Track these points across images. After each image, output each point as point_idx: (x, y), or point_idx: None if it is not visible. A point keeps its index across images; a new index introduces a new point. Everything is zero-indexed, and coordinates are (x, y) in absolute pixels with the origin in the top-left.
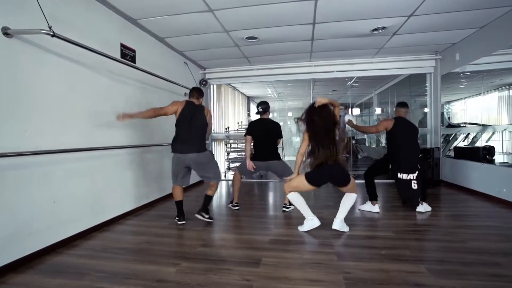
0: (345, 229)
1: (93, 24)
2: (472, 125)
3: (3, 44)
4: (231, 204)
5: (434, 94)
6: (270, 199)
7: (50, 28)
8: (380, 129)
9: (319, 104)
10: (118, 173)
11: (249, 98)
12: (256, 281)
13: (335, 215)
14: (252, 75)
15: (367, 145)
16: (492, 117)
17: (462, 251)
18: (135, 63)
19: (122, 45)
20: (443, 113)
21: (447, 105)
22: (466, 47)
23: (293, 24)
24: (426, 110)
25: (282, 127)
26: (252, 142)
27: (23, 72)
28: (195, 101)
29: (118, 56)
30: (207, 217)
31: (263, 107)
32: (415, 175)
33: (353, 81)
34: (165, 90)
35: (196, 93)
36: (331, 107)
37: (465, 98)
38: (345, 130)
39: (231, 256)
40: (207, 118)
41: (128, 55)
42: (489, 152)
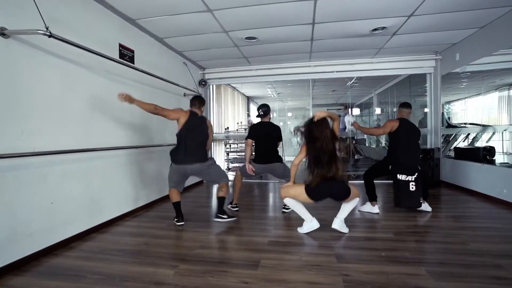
0: (345, 230)
1: (91, 24)
2: (472, 126)
3: (0, 44)
4: (230, 205)
5: (434, 94)
6: (269, 200)
7: (47, 28)
8: (386, 131)
9: (318, 118)
10: (116, 174)
11: (248, 98)
12: (254, 283)
13: (335, 216)
14: (251, 75)
15: (367, 145)
16: (492, 117)
17: (462, 253)
18: (133, 64)
19: (120, 45)
20: (443, 113)
21: (447, 105)
22: (466, 47)
23: (292, 24)
24: (426, 110)
25: (282, 128)
26: (253, 145)
27: (20, 72)
28: (197, 112)
29: (116, 56)
30: (225, 217)
31: (264, 110)
32: (414, 177)
33: (353, 81)
34: (164, 90)
35: (198, 102)
36: (330, 121)
37: (465, 98)
38: (345, 130)
39: (229, 258)
40: (209, 130)
41: (126, 56)
42: (489, 152)
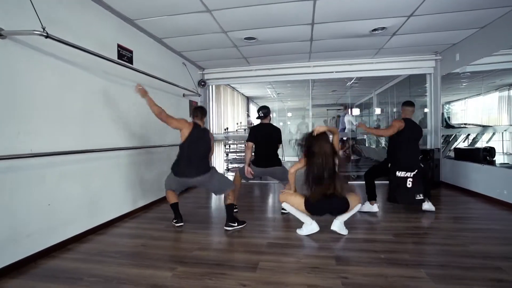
0: (344, 231)
1: (89, 24)
2: (472, 126)
3: None
4: None
5: (434, 94)
6: (269, 201)
7: (43, 29)
8: (395, 131)
9: (318, 132)
10: (115, 175)
11: (248, 98)
12: (252, 286)
13: (335, 217)
14: (251, 75)
15: (366, 145)
16: (492, 118)
17: (462, 255)
18: (132, 64)
19: (119, 46)
20: (442, 113)
21: (447, 105)
22: (466, 47)
23: (291, 24)
24: (426, 110)
25: (281, 128)
26: (252, 148)
27: (17, 73)
28: (200, 123)
29: (115, 57)
30: (235, 225)
31: (264, 112)
32: (413, 173)
33: (352, 81)
34: (163, 91)
35: (200, 113)
36: (330, 134)
37: (465, 98)
38: (345, 131)
39: (227, 260)
40: (212, 142)
41: (125, 56)
42: (489, 153)
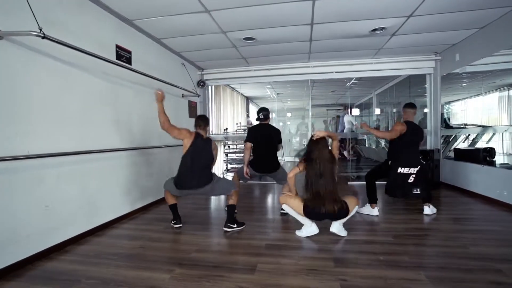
0: (343, 233)
1: (88, 25)
2: (471, 126)
3: None
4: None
5: (434, 95)
6: (268, 202)
7: (40, 29)
8: (397, 135)
9: (317, 137)
10: (113, 176)
11: (248, 98)
12: None
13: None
14: (250, 76)
15: (367, 145)
16: (492, 118)
17: (462, 257)
18: (131, 65)
19: (117, 46)
20: (442, 114)
21: (447, 106)
22: (466, 47)
23: (290, 24)
24: (426, 110)
25: (281, 128)
26: (251, 149)
27: (14, 74)
28: (203, 133)
29: (113, 57)
30: (234, 226)
31: (264, 114)
32: (416, 170)
33: (352, 81)
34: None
35: (203, 123)
36: (329, 140)
37: (465, 98)
38: (344, 131)
39: (226, 262)
40: (214, 152)
41: (123, 57)
42: (489, 153)
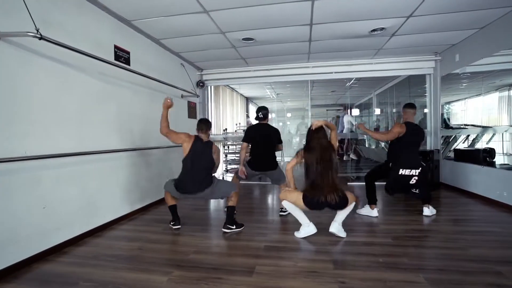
0: (342, 234)
1: (86, 25)
2: (471, 127)
3: None
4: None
5: (433, 95)
6: (267, 203)
7: (37, 30)
8: (394, 137)
9: (316, 126)
10: (112, 177)
11: (247, 99)
12: None
13: (333, 219)
14: (249, 76)
15: (366, 146)
16: (492, 118)
17: (461, 259)
18: (129, 65)
19: (115, 47)
20: (442, 114)
21: (447, 106)
22: (466, 48)
23: (289, 25)
24: (425, 111)
25: (281, 128)
26: (248, 148)
27: (12, 75)
28: (203, 136)
29: (111, 58)
30: (233, 227)
31: (264, 113)
32: (417, 171)
33: (352, 82)
34: (161, 92)
35: (205, 126)
36: (328, 130)
37: (465, 98)
38: (344, 132)
39: (224, 264)
40: (215, 156)
41: (122, 57)
42: (489, 154)
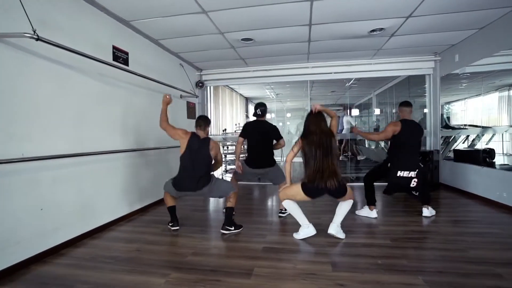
0: (341, 235)
1: (84, 26)
2: (471, 127)
3: None
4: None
5: (433, 95)
6: (266, 204)
7: (34, 31)
8: (388, 135)
9: (316, 110)
10: (110, 178)
11: (247, 99)
12: None
13: (332, 221)
14: (249, 76)
15: (366, 146)
16: (492, 118)
17: (461, 261)
18: (128, 66)
19: (114, 47)
20: (442, 114)
21: (447, 106)
22: (465, 48)
23: (288, 25)
24: (425, 111)
25: (281, 128)
26: (244, 144)
27: (8, 76)
28: (201, 133)
29: (110, 58)
30: (232, 229)
31: (262, 109)
32: (415, 173)
33: (351, 82)
34: (160, 92)
35: (203, 123)
36: (329, 117)
37: (465, 99)
38: (343, 132)
39: (222, 265)
40: (213, 152)
41: (120, 58)
42: (489, 155)
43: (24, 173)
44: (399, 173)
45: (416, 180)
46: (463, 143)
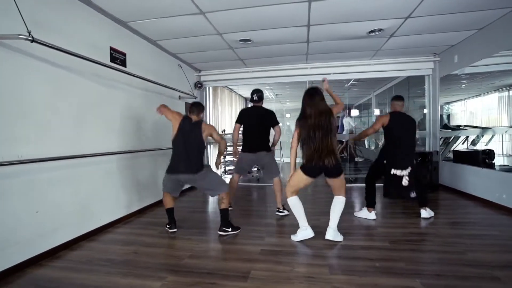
0: (339, 238)
1: (81, 27)
2: (470, 128)
3: None
4: None
5: (432, 96)
6: (264, 204)
7: (29, 33)
8: (377, 127)
9: (326, 87)
10: (108, 180)
11: (246, 99)
12: None
13: (328, 225)
14: (248, 77)
15: (366, 147)
16: (492, 118)
17: (459, 264)
18: (125, 67)
19: (111, 49)
20: (441, 115)
21: (447, 106)
22: (465, 49)
23: (286, 26)
24: (425, 111)
25: (281, 129)
26: (240, 130)
27: (3, 78)
28: (193, 117)
29: (107, 60)
30: (229, 230)
31: (258, 95)
32: (407, 171)
33: (351, 82)
34: (158, 93)
35: (196, 109)
36: (332, 105)
37: (465, 99)
38: (343, 132)
39: (219, 268)
40: (205, 133)
41: (118, 59)
42: (488, 156)
43: (20, 176)
44: (393, 171)
45: (407, 178)
46: (463, 143)
